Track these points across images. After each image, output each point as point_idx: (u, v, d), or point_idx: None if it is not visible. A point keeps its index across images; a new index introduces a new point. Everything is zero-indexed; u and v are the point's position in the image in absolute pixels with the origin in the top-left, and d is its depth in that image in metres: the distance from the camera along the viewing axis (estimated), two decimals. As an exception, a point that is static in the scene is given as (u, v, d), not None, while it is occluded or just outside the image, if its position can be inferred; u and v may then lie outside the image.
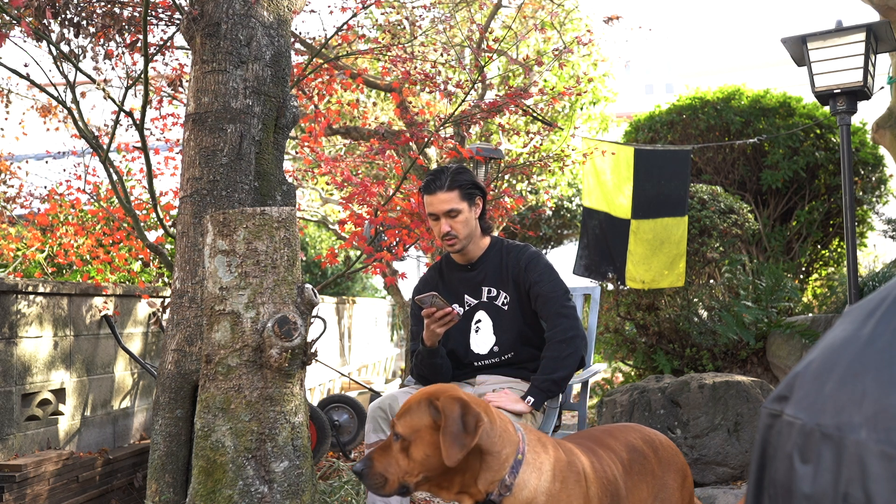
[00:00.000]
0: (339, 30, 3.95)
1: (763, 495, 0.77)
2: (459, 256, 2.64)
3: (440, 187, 2.51)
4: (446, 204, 2.50)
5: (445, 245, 2.55)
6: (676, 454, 2.07)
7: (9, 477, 2.91)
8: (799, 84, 7.09)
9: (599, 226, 5.54)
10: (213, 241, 2.23)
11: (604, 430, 2.04)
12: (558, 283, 2.53)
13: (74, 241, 4.78)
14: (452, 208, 2.50)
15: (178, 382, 2.64)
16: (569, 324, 2.42)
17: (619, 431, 2.02)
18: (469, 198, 2.54)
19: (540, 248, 9.17)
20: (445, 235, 2.52)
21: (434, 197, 2.51)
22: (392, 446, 1.67)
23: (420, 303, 2.36)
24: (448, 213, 2.50)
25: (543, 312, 2.49)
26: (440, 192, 2.51)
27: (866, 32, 3.98)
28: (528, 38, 6.42)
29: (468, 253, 2.60)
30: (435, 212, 2.52)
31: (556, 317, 2.44)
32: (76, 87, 3.39)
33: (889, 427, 0.63)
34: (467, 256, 2.62)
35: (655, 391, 3.69)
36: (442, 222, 2.51)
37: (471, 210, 2.55)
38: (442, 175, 2.54)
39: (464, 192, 2.53)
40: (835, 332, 0.76)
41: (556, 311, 2.44)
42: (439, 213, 2.51)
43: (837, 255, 7.48)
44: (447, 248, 2.57)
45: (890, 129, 5.58)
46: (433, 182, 2.53)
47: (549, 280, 2.51)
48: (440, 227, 2.52)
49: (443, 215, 2.50)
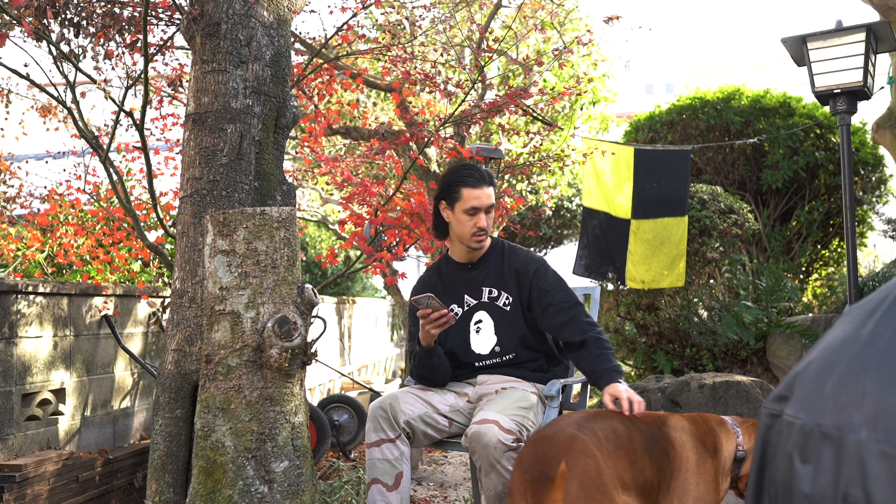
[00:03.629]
0: (339, 30, 3.95)
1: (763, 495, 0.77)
2: (464, 255, 2.63)
3: (485, 182, 2.54)
4: (489, 199, 2.53)
5: (473, 241, 2.55)
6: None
7: (9, 477, 2.91)
8: (799, 84, 7.10)
9: (599, 226, 5.54)
10: (213, 241, 2.23)
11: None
12: (570, 292, 2.56)
13: (74, 241, 4.78)
14: (492, 204, 2.55)
15: (178, 382, 2.64)
16: (599, 328, 2.47)
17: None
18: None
19: (540, 249, 9.18)
20: (479, 231, 2.53)
21: (481, 191, 2.52)
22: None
23: (416, 304, 2.36)
24: (489, 208, 2.54)
25: (559, 319, 2.48)
26: (485, 186, 2.54)
27: (866, 32, 3.98)
28: (528, 38, 6.42)
29: (477, 251, 2.61)
30: (480, 206, 2.52)
31: (585, 324, 2.46)
32: (76, 87, 3.39)
33: (889, 427, 0.63)
34: (470, 255, 2.62)
35: (655, 391, 3.69)
36: (481, 216, 2.53)
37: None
38: (481, 171, 2.57)
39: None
40: (835, 332, 0.76)
41: (585, 320, 2.47)
42: (484, 207, 2.52)
43: (837, 255, 7.48)
44: (474, 245, 2.56)
45: (890, 129, 5.58)
46: (478, 176, 2.55)
47: (560, 290, 2.54)
48: (478, 221, 2.53)
49: (484, 210, 2.53)
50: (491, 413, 2.23)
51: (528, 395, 2.43)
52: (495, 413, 2.23)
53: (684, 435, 2.10)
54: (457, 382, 2.63)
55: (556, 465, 1.86)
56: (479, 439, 2.17)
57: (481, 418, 2.22)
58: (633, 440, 2.01)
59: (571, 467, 1.85)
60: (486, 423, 2.19)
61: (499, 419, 2.19)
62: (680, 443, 2.08)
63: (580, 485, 1.82)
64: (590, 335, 2.42)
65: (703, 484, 2.05)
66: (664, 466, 2.02)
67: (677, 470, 2.04)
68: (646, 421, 2.11)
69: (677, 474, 2.03)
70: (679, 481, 2.03)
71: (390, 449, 2.38)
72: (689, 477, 2.04)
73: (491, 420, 2.19)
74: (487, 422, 2.19)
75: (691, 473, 2.05)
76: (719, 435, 2.17)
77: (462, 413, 2.52)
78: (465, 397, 2.56)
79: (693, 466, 2.06)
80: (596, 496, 1.80)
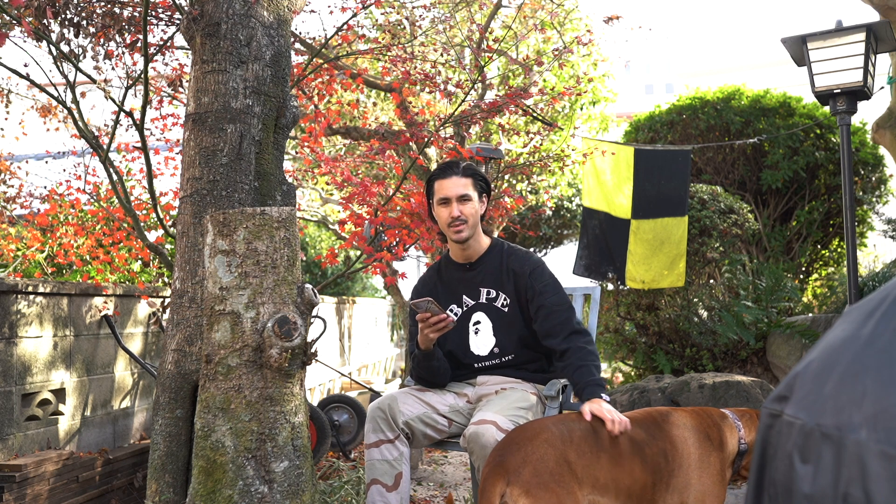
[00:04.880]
0: (339, 30, 3.95)
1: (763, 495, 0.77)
2: (460, 254, 2.62)
3: (455, 172, 2.54)
4: (460, 188, 2.52)
5: (451, 233, 2.53)
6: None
7: (9, 477, 2.91)
8: (799, 84, 7.10)
9: (599, 226, 5.54)
10: (213, 241, 2.23)
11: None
12: (564, 296, 2.53)
13: (74, 241, 4.78)
14: (465, 193, 2.52)
15: (178, 382, 2.64)
16: (587, 338, 2.43)
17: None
18: (480, 190, 2.58)
19: (540, 249, 9.18)
20: (454, 221, 2.51)
21: (448, 180, 2.53)
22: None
23: (415, 307, 2.36)
24: (461, 197, 2.52)
25: (547, 323, 2.46)
26: (455, 176, 2.54)
27: (866, 32, 3.98)
28: (528, 38, 6.42)
29: (469, 249, 2.59)
30: (447, 195, 2.52)
31: (571, 333, 2.41)
32: (76, 87, 3.39)
33: (889, 427, 0.63)
34: (467, 253, 2.61)
35: (655, 391, 3.69)
36: (453, 206, 2.51)
37: (479, 203, 2.58)
38: (453, 162, 2.59)
39: (476, 182, 2.57)
40: (835, 332, 0.76)
41: (572, 328, 2.42)
42: (452, 196, 2.51)
43: (837, 255, 7.48)
44: (453, 236, 2.54)
45: (890, 129, 5.58)
46: (448, 168, 2.56)
47: (554, 292, 2.51)
48: (450, 211, 2.52)
49: (455, 199, 2.51)
50: (489, 413, 2.23)
51: (528, 396, 2.42)
52: (493, 413, 2.23)
53: (686, 431, 2.11)
54: (456, 383, 2.62)
55: (514, 451, 1.90)
56: (476, 439, 2.17)
57: (479, 419, 2.22)
58: (620, 443, 2.01)
59: (530, 454, 1.88)
60: (484, 423, 2.19)
61: (497, 419, 2.19)
62: (681, 440, 2.08)
63: (533, 471, 1.85)
64: (573, 345, 2.37)
65: (706, 477, 2.06)
66: (661, 466, 2.02)
67: (678, 467, 2.04)
68: (644, 421, 2.11)
69: (678, 471, 2.04)
70: (680, 478, 2.03)
71: (389, 449, 2.38)
72: (690, 472, 2.05)
73: (489, 420, 2.19)
74: (485, 422, 2.19)
75: (693, 469, 2.05)
76: (723, 429, 2.18)
77: (461, 413, 2.51)
78: (465, 398, 2.56)
79: (695, 461, 2.06)
80: (549, 484, 1.82)
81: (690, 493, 2.03)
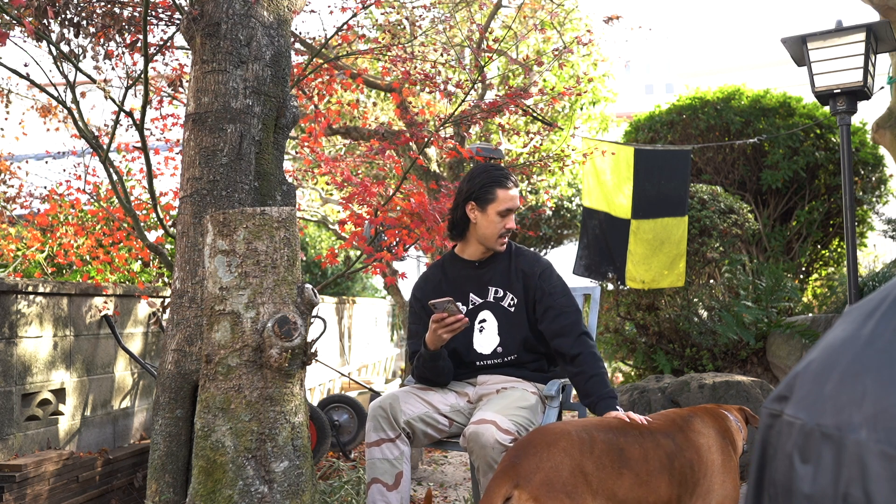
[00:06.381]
0: (339, 30, 3.95)
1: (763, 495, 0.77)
2: (477, 254, 2.64)
3: (515, 184, 2.59)
4: (518, 201, 2.58)
5: (498, 244, 2.58)
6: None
7: (9, 477, 2.91)
8: (799, 84, 7.10)
9: (599, 226, 5.54)
10: (213, 241, 2.23)
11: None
12: (572, 298, 2.55)
13: (74, 241, 4.78)
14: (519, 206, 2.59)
15: (178, 382, 2.64)
16: (594, 342, 2.47)
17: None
18: None
19: (540, 249, 9.18)
20: (507, 232, 2.57)
21: (511, 192, 2.57)
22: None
23: (433, 307, 2.34)
24: (517, 209, 2.59)
25: (557, 324, 2.47)
26: (516, 188, 2.59)
27: (866, 32, 3.98)
28: (527, 38, 6.42)
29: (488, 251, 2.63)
30: (513, 207, 2.57)
31: (581, 334, 2.45)
32: (76, 87, 3.39)
33: (889, 427, 0.63)
34: (484, 254, 2.63)
35: (655, 391, 3.69)
36: (511, 218, 2.57)
37: None
38: (510, 173, 2.61)
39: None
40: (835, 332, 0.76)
41: (582, 330, 2.46)
42: (515, 208, 2.57)
43: (837, 255, 7.48)
44: (498, 247, 2.59)
45: (890, 129, 5.58)
46: (507, 177, 2.58)
47: (563, 294, 2.54)
48: (506, 223, 2.56)
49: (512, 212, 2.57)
50: (489, 413, 2.23)
51: (528, 395, 2.42)
52: (493, 413, 2.23)
53: (709, 439, 2.09)
54: (457, 382, 2.62)
55: (530, 455, 1.86)
56: (476, 439, 2.17)
57: (479, 418, 2.22)
58: (650, 460, 1.96)
59: (544, 460, 1.84)
60: (483, 423, 2.19)
61: (497, 419, 2.19)
62: (706, 448, 2.07)
63: (545, 478, 1.80)
64: (585, 351, 2.40)
65: (728, 482, 2.06)
66: (687, 478, 1.99)
67: (703, 476, 2.03)
68: (669, 430, 2.08)
69: (703, 480, 2.02)
70: (704, 486, 2.02)
71: (390, 448, 2.38)
72: (714, 479, 2.04)
73: (489, 420, 2.19)
74: (485, 422, 2.19)
75: (717, 475, 2.04)
76: (732, 429, 2.18)
77: (462, 413, 2.51)
78: (466, 397, 2.56)
79: (719, 467, 2.05)
80: (558, 494, 1.78)
81: (713, 499, 2.02)
